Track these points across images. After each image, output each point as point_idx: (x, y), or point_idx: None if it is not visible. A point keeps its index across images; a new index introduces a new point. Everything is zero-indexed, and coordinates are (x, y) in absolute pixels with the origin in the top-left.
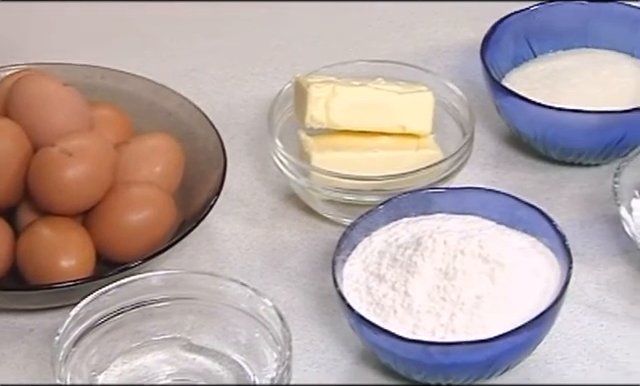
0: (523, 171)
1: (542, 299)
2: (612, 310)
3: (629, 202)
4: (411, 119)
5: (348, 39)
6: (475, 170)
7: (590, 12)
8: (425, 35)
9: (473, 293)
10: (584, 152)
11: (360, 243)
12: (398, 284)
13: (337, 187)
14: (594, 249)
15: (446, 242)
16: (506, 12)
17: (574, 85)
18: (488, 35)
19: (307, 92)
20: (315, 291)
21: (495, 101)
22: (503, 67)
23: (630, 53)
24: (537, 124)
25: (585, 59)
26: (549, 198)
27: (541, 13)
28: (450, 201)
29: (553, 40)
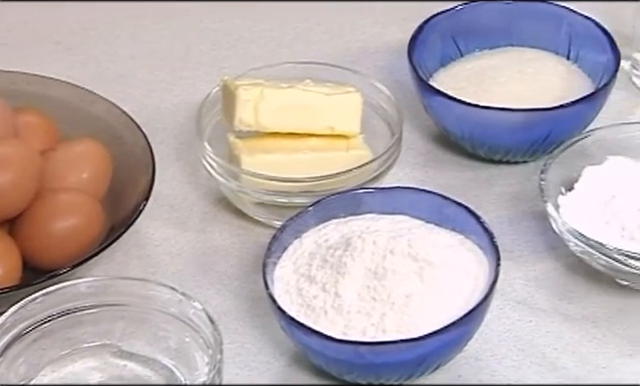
0: (452, 169)
1: (471, 296)
2: (541, 306)
3: (556, 199)
4: (340, 120)
5: (276, 41)
6: (405, 169)
7: (515, 11)
8: (353, 36)
9: (403, 292)
10: (511, 150)
11: (290, 245)
12: (328, 285)
13: (267, 190)
14: (522, 246)
15: (375, 242)
16: (433, 12)
17: (500, 83)
18: (415, 35)
19: (235, 95)
20: (246, 294)
21: (423, 101)
22: (430, 67)
23: (554, 51)
24: (464, 123)
25: (511, 57)
26: (477, 196)
27: (467, 13)
28: (379, 201)
29: (479, 39)
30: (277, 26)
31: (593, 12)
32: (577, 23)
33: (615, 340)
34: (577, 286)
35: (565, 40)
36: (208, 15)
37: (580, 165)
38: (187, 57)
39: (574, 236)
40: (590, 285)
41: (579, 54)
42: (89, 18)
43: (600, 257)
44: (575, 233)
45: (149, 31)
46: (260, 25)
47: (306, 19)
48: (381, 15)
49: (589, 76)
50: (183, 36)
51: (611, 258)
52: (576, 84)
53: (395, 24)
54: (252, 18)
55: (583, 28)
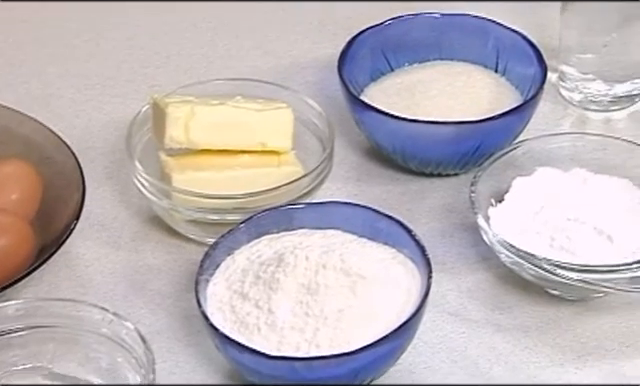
0: (384, 183)
1: (404, 309)
2: (473, 317)
3: (486, 210)
4: (271, 136)
5: (207, 58)
6: (337, 184)
7: (443, 25)
8: (284, 52)
9: (336, 307)
10: (442, 163)
11: (223, 262)
12: (261, 302)
13: (199, 207)
14: (454, 258)
15: (308, 257)
16: (363, 27)
17: (430, 97)
18: (345, 50)
19: (165, 112)
20: (180, 312)
21: (354, 115)
22: (361, 81)
23: (483, 64)
24: (395, 137)
25: (440, 71)
26: (410, 209)
27: (396, 27)
28: (312, 216)
29: (409, 53)
30: (208, 43)
31: (520, 25)
32: (504, 36)
33: (546, 349)
34: (508, 296)
35: (493, 53)
36: (138, 32)
37: (510, 176)
38: (117, 75)
39: (504, 247)
40: (521, 295)
41: (507, 67)
42: (16, 38)
43: (530, 267)
44: (505, 244)
45: (78, 50)
46: (191, 42)
47: (237, 35)
48: (312, 31)
49: (517, 88)
50: (113, 54)
51: (541, 268)
52: (505, 96)
53: (326, 39)
54: (183, 35)
55: (510, 41)
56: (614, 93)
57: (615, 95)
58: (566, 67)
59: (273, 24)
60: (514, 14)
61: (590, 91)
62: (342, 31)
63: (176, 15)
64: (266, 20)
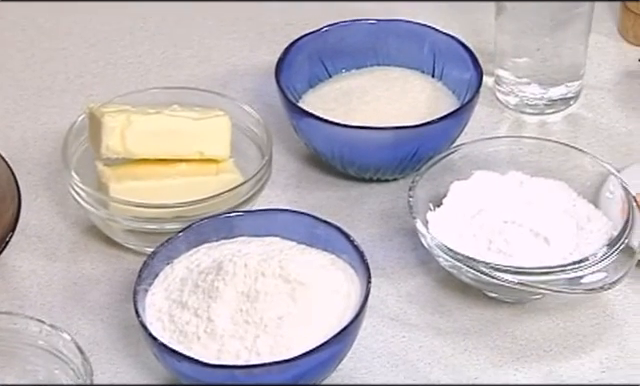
0: (324, 189)
1: (344, 315)
2: (413, 321)
3: (425, 215)
4: (208, 144)
5: (144, 67)
6: (276, 191)
7: (380, 31)
8: (222, 59)
9: (275, 314)
10: (381, 168)
11: (162, 271)
12: (201, 310)
13: (137, 217)
14: (394, 262)
15: (247, 265)
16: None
17: (368, 103)
18: (282, 57)
19: (101, 122)
20: (119, 323)
21: (292, 122)
22: (299, 88)
23: (420, 69)
24: (334, 143)
25: (377, 77)
26: (349, 214)
27: (333, 34)
28: (251, 224)
29: (346, 60)
30: (145, 52)
31: (456, 30)
32: (440, 41)
33: (485, 351)
34: (448, 300)
35: (429, 58)
36: (73, 41)
37: (448, 180)
38: (53, 85)
39: (443, 251)
40: (460, 298)
41: (444, 72)
42: None
43: (468, 271)
44: (444, 248)
45: (13, 60)
46: (128, 51)
47: (174, 44)
48: (250, 38)
49: (454, 93)
50: (48, 64)
51: (479, 271)
52: (442, 101)
53: (264, 46)
54: (120, 44)
55: (446, 46)
56: (549, 96)
57: (550, 98)
58: (502, 71)
59: (210, 32)
60: (450, 19)
61: (526, 95)
62: (280, 38)
63: (112, 23)
64: (203, 28)
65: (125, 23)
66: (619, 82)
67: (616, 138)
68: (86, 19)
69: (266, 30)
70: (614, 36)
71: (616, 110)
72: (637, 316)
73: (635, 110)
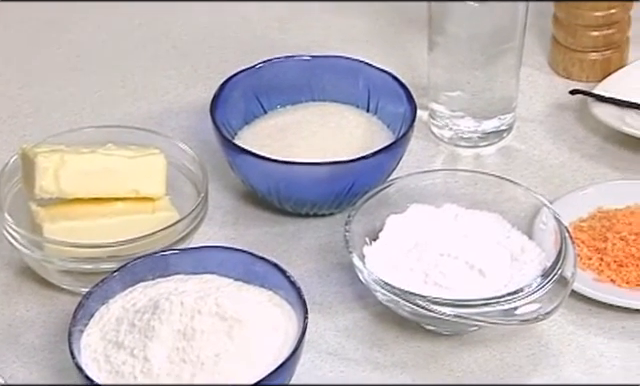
0: (261, 226)
1: (281, 351)
2: (351, 356)
3: (361, 249)
4: (144, 183)
5: (79, 106)
6: (214, 228)
7: (314, 67)
8: (157, 97)
9: (212, 352)
10: (317, 203)
11: (97, 312)
12: (137, 350)
13: (72, 257)
14: (332, 297)
15: (183, 303)
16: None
17: (304, 138)
18: (217, 94)
19: (34, 162)
20: (54, 365)
21: (228, 159)
22: (235, 125)
23: (355, 104)
24: (270, 179)
25: (313, 112)
26: (287, 250)
27: (268, 70)
28: (187, 262)
29: (282, 96)
30: (79, 91)
31: (390, 65)
32: (374, 76)
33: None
34: (386, 334)
35: (364, 93)
36: (6, 82)
37: (384, 214)
38: None
39: (380, 285)
40: (398, 332)
41: (378, 106)
42: None
43: (405, 304)
44: (380, 282)
45: None
46: (62, 90)
47: (109, 82)
48: (184, 75)
49: (389, 127)
50: None
51: (415, 305)
52: (377, 135)
53: (199, 83)
54: (53, 84)
55: (380, 81)
56: (483, 129)
57: (484, 131)
58: (436, 105)
59: (145, 70)
60: (384, 54)
61: (460, 128)
62: (215, 75)
63: (44, 63)
64: (138, 66)
65: (58, 62)
66: (550, 114)
67: (548, 169)
68: (18, 58)
69: (201, 67)
70: (545, 69)
71: (548, 142)
72: (572, 346)
73: (566, 142)
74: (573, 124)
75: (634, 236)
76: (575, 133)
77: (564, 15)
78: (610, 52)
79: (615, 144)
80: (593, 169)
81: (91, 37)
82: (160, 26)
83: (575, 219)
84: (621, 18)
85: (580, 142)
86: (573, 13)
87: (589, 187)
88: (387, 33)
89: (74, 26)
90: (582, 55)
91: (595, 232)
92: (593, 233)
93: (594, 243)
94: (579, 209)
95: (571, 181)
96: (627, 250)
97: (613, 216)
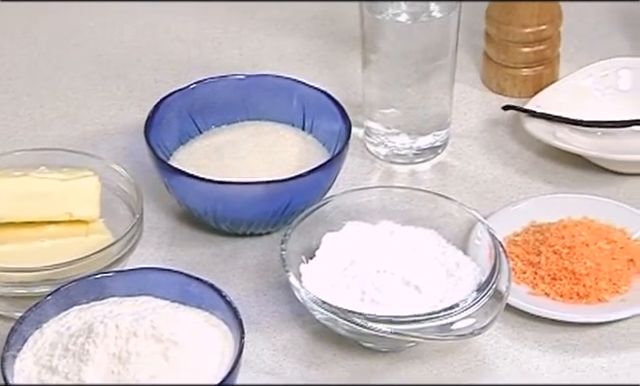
0: (197, 246)
1: (218, 372)
2: (289, 375)
3: (298, 268)
4: (77, 205)
5: (9, 129)
6: (150, 250)
7: (249, 86)
8: (90, 119)
9: (148, 374)
10: (254, 222)
11: (31, 336)
12: (71, 374)
13: (5, 281)
14: (269, 316)
15: (118, 326)
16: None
17: (239, 158)
18: (151, 115)
19: None
20: None
21: (163, 180)
22: (170, 145)
23: (290, 123)
24: (206, 199)
25: (248, 132)
26: (224, 270)
27: (202, 90)
28: (122, 284)
29: (216, 115)
30: (11, 113)
31: (325, 83)
32: (309, 95)
33: None
34: (323, 352)
35: (299, 112)
36: None
37: (320, 232)
38: None
39: (317, 304)
40: (336, 350)
41: (313, 124)
42: None
43: (343, 322)
44: (317, 301)
45: None
46: None
47: (41, 105)
48: (119, 96)
49: (324, 145)
50: None
51: (352, 322)
52: (312, 154)
53: (133, 105)
54: None
55: (315, 99)
56: (418, 146)
57: (419, 148)
58: (371, 123)
59: (78, 91)
60: (319, 73)
61: (395, 145)
62: (150, 96)
63: None
64: (71, 87)
65: None
66: (484, 130)
67: (483, 185)
68: None
69: (136, 88)
70: (478, 85)
71: (482, 157)
72: (507, 360)
73: (500, 157)
74: (506, 139)
75: (567, 249)
76: (508, 148)
77: (495, 32)
78: (541, 68)
79: (547, 158)
80: (526, 183)
81: (23, 58)
82: (94, 47)
83: (509, 233)
84: (551, 34)
85: (513, 157)
86: (504, 30)
87: (523, 201)
88: (321, 51)
89: (6, 47)
90: (514, 71)
91: (529, 246)
92: (527, 247)
93: (528, 257)
94: (513, 223)
95: (505, 196)
96: (560, 263)
97: (546, 230)
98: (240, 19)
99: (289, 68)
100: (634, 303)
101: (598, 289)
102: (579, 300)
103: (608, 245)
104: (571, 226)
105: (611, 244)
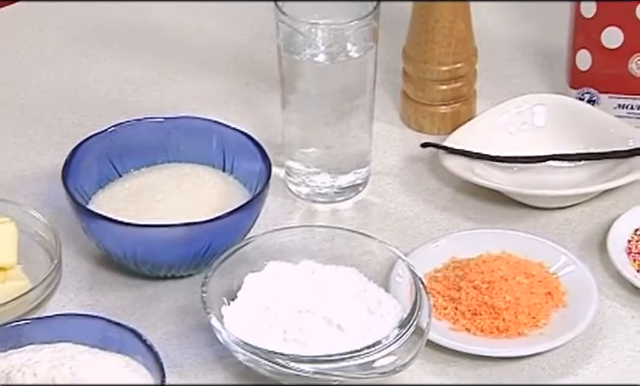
0: (118, 290)
1: None
2: None
3: (219, 310)
4: None
5: None
6: (69, 295)
7: (168, 128)
8: (8, 164)
9: None
10: (174, 265)
11: None
12: None
13: None
14: (192, 359)
15: (36, 374)
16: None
17: (160, 200)
18: (69, 159)
19: None
20: None
21: (82, 224)
22: (88, 189)
23: (210, 164)
24: (125, 243)
25: (168, 174)
26: (145, 314)
27: (121, 133)
28: (41, 331)
29: (136, 158)
30: None
31: (245, 124)
32: (228, 135)
33: None
34: None
35: (219, 153)
36: None
37: (242, 273)
38: None
39: (239, 345)
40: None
41: (234, 165)
42: None
43: (265, 363)
44: (239, 342)
45: None
46: None
47: None
48: (37, 141)
49: (245, 186)
50: None
51: (275, 363)
52: (233, 195)
53: (52, 149)
54: None
55: (234, 140)
56: (339, 184)
57: (340, 186)
58: (292, 162)
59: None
60: (239, 114)
61: (316, 184)
62: (69, 140)
63: None
64: None
65: None
66: (404, 167)
67: (404, 222)
68: None
69: (54, 132)
70: (397, 123)
71: (403, 194)
72: None
73: (420, 194)
74: (426, 176)
75: (486, 284)
76: (428, 185)
77: (412, 70)
78: (459, 105)
79: (466, 194)
80: (446, 219)
81: None
82: (11, 90)
83: (430, 270)
84: (467, 72)
85: (433, 194)
86: (421, 68)
87: (443, 238)
88: (242, 92)
89: None
90: (432, 108)
91: (449, 282)
92: (447, 283)
93: (449, 293)
94: (434, 260)
95: (426, 232)
96: (480, 299)
97: (466, 265)
98: (160, 61)
99: (210, 109)
100: (553, 336)
101: (517, 323)
102: (499, 334)
103: (526, 279)
104: (490, 261)
105: (529, 278)
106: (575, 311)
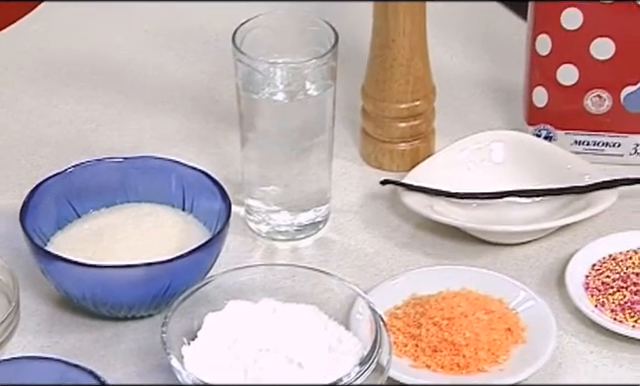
0: (77, 332)
1: None
2: None
3: (180, 350)
4: None
5: None
6: (28, 337)
7: (127, 168)
8: None
9: None
10: (134, 305)
11: None
12: None
13: None
14: None
15: None
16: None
17: (119, 240)
18: (27, 200)
19: None
20: None
21: (40, 266)
22: (47, 230)
23: (170, 203)
24: (84, 284)
25: (127, 214)
26: (104, 355)
27: (79, 173)
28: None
29: (95, 199)
30: None
31: (205, 163)
32: (188, 175)
33: None
34: None
35: (178, 192)
36: None
37: (202, 312)
38: None
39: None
40: None
41: (194, 204)
42: None
43: None
44: (200, 382)
45: None
46: None
47: None
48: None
49: (205, 225)
50: None
51: None
52: (193, 234)
53: (10, 190)
54: None
55: (194, 179)
56: (299, 222)
57: (300, 224)
58: (251, 200)
59: None
60: (198, 152)
61: (276, 222)
62: (27, 181)
63: None
64: None
65: None
66: (364, 204)
67: (364, 259)
68: None
69: (12, 173)
70: (357, 160)
71: (363, 231)
72: None
73: (380, 231)
74: (386, 213)
75: (446, 321)
76: (388, 222)
77: (372, 108)
78: (418, 142)
79: (426, 231)
80: (406, 256)
81: None
82: None
83: (390, 307)
84: (425, 109)
85: (393, 230)
86: (380, 106)
87: (403, 274)
88: (201, 131)
89: None
90: (391, 146)
91: (410, 319)
92: (408, 320)
93: (409, 329)
94: (394, 297)
95: (386, 269)
96: (440, 335)
97: (426, 302)
98: (119, 100)
99: (169, 148)
100: (512, 372)
101: (477, 359)
102: (459, 371)
103: (486, 315)
104: (450, 297)
105: (489, 314)
106: (534, 347)
